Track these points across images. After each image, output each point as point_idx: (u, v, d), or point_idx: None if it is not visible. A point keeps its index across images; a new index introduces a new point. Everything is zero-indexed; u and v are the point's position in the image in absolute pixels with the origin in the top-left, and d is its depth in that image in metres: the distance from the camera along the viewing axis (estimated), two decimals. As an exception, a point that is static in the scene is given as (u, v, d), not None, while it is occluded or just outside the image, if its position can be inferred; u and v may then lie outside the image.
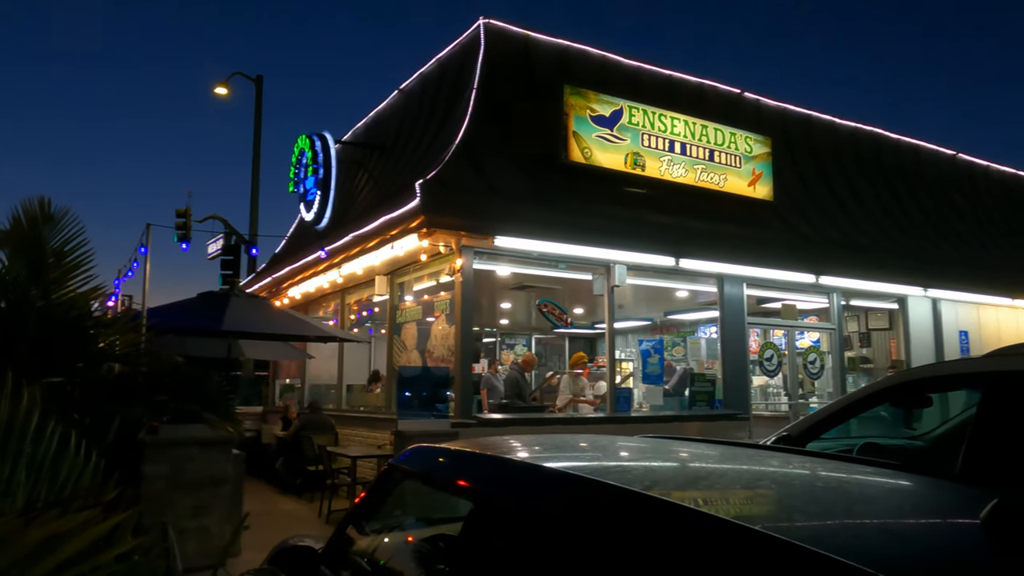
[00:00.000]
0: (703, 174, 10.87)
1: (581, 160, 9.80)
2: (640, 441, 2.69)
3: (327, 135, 12.41)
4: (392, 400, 9.50)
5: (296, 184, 13.14)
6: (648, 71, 11.79)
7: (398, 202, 8.58)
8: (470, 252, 8.69)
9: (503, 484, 1.97)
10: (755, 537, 1.29)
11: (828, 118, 14.13)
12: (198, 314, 8.76)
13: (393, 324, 10.49)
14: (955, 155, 16.21)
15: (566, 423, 9.45)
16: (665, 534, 1.43)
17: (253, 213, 18.48)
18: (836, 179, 13.54)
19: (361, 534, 2.87)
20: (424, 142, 10.85)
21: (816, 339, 12.95)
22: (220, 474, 6.23)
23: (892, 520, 1.60)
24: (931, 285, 12.70)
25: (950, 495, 1.90)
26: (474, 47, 10.49)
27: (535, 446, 2.56)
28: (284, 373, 15.70)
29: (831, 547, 1.22)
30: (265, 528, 7.24)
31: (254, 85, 19.23)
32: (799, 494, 1.79)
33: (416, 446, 2.73)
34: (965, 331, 13.58)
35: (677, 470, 2.12)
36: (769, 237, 11.18)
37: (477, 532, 1.97)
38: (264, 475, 11.10)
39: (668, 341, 15.05)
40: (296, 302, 13.47)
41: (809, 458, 2.30)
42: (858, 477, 1.97)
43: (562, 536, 1.67)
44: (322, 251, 10.34)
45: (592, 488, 1.70)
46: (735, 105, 12.57)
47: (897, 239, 13.36)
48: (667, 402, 10.91)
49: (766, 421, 11.15)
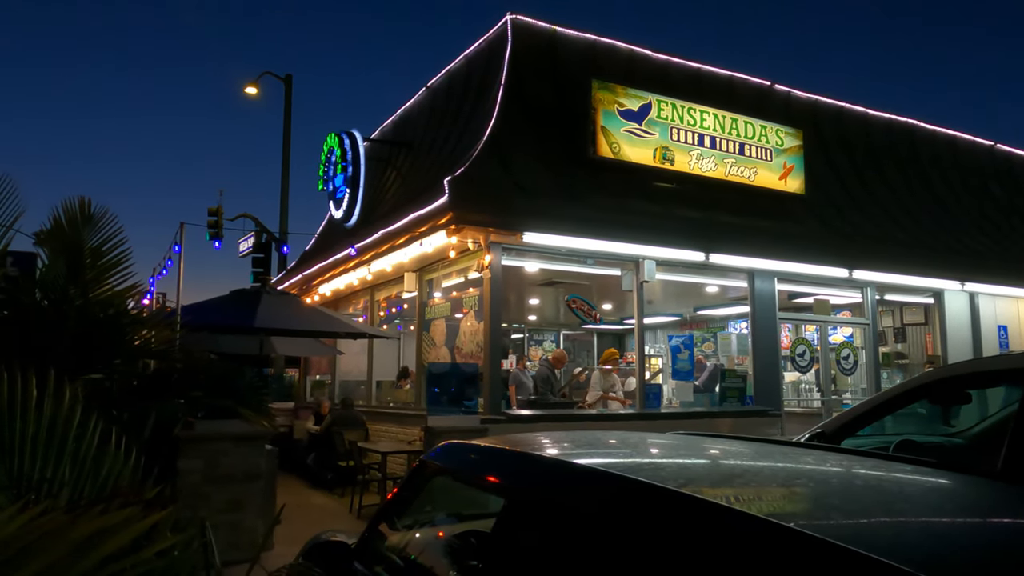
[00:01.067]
0: (733, 168, 10.76)
1: (609, 155, 9.75)
2: (672, 438, 2.67)
3: (356, 133, 12.48)
4: (421, 396, 9.55)
5: (325, 182, 13.24)
6: (676, 64, 11.69)
7: (426, 199, 8.61)
8: (498, 248, 8.69)
9: (535, 480, 1.97)
10: (793, 536, 1.28)
11: (861, 109, 13.89)
12: (230, 311, 8.89)
13: (422, 320, 10.55)
14: (993, 145, 15.85)
15: (595, 419, 9.42)
16: (700, 532, 1.42)
17: (283, 211, 18.70)
18: (869, 171, 13.31)
19: (393, 529, 2.90)
20: (452, 139, 10.88)
21: (849, 334, 12.76)
22: (254, 469, 6.32)
23: (933, 519, 1.57)
24: (968, 279, 12.43)
25: (992, 494, 1.86)
26: (501, 43, 10.48)
27: (566, 443, 2.55)
28: (315, 369, 15.87)
29: (871, 546, 1.20)
30: (297, 522, 7.33)
31: (283, 84, 19.44)
32: (836, 492, 1.77)
33: (447, 442, 2.74)
34: (1004, 326, 13.28)
35: (711, 467, 2.11)
36: (801, 231, 11.03)
37: (509, 528, 1.97)
38: (296, 470, 11.23)
39: (698, 337, 14.91)
40: (326, 299, 13.59)
41: (845, 455, 2.27)
42: (896, 475, 1.94)
43: (595, 533, 1.66)
44: (352, 248, 10.42)
45: (626, 485, 1.69)
46: (765, 97, 12.41)
47: (933, 232, 13.10)
48: (697, 398, 10.82)
49: (798, 417, 11.02)
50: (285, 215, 18.62)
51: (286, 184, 18.99)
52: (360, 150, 12.30)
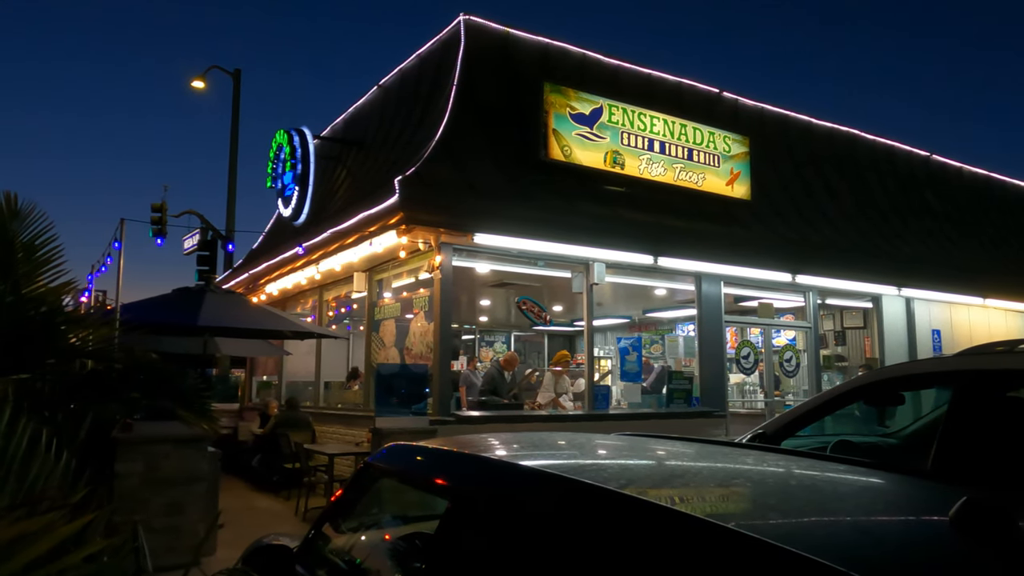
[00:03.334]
0: (682, 173, 10.93)
1: (561, 158, 9.81)
2: (617, 439, 2.70)
3: (305, 130, 12.30)
4: (370, 397, 9.45)
5: (274, 179, 13.01)
6: (627, 70, 11.82)
7: (377, 198, 8.53)
8: (449, 249, 8.67)
9: (479, 482, 1.97)
10: (729, 535, 1.30)
11: (804, 118, 14.26)
12: (173, 310, 8.65)
13: (371, 321, 10.45)
14: (929, 156, 16.44)
15: (544, 420, 9.46)
16: (640, 532, 1.44)
17: (230, 208, 18.29)
18: (812, 178, 13.67)
19: (337, 532, 2.86)
20: (403, 138, 10.80)
21: (792, 337, 13.08)
22: (195, 472, 6.17)
23: (864, 518, 1.62)
24: (905, 284, 12.87)
25: (921, 493, 1.92)
26: (454, 43, 10.45)
27: (512, 444, 2.55)
28: (261, 370, 15.57)
29: (805, 545, 1.22)
30: (241, 526, 7.18)
31: (232, 79, 19.03)
32: (773, 492, 1.81)
33: (392, 444, 2.72)
34: (938, 330, 13.78)
35: (652, 468, 2.13)
36: (746, 236, 11.26)
37: (453, 530, 1.96)
38: (241, 473, 11.01)
39: (646, 339, 15.11)
40: (273, 298, 13.35)
41: (783, 456, 2.32)
42: (831, 475, 1.99)
43: (539, 534, 1.67)
44: (299, 247, 10.26)
45: (568, 486, 1.70)
46: (713, 104, 12.65)
47: (872, 239, 13.53)
48: (645, 400, 10.96)
49: (743, 418, 11.25)
50: (232, 212, 18.22)
51: (233, 181, 18.58)
52: (310, 148, 12.12)
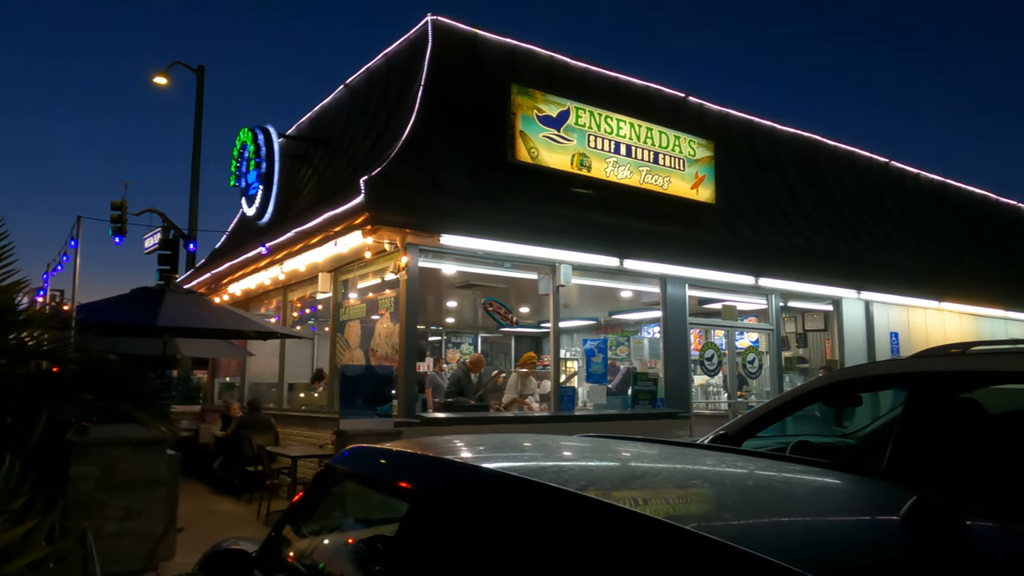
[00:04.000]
0: (647, 176, 11.02)
1: (528, 160, 9.83)
2: (579, 440, 2.71)
3: (270, 128, 12.16)
4: (335, 399, 9.36)
5: (238, 178, 12.84)
6: (595, 73, 11.89)
7: (342, 198, 8.46)
8: (415, 250, 8.63)
9: (439, 484, 1.95)
10: (683, 536, 1.31)
11: (768, 124, 14.47)
12: (131, 310, 8.47)
13: (336, 322, 10.35)
14: (888, 163, 16.80)
15: (510, 422, 9.46)
16: (598, 533, 1.44)
17: (193, 207, 17.97)
18: (776, 183, 13.89)
19: (297, 536, 2.82)
20: (370, 138, 10.73)
21: (755, 339, 13.26)
22: (153, 475, 6.04)
23: (817, 518, 1.64)
24: (864, 288, 13.13)
25: (874, 493, 1.96)
26: (421, 44, 10.41)
27: (474, 446, 2.55)
28: (223, 371, 15.34)
29: (757, 545, 1.24)
30: (201, 530, 7.07)
31: (195, 76, 18.72)
32: (730, 493, 1.83)
33: (354, 446, 2.69)
34: (896, 332, 14.08)
35: (612, 469, 2.14)
36: (711, 239, 11.40)
37: (413, 533, 1.95)
38: (201, 476, 10.83)
39: (612, 340, 15.19)
40: (236, 299, 13.16)
41: (742, 457, 2.35)
42: (787, 475, 2.01)
43: (498, 536, 1.66)
44: (263, 247, 10.13)
45: (528, 488, 1.70)
46: (679, 109, 12.78)
47: (833, 243, 13.78)
48: (610, 401, 11.03)
49: (706, 420, 11.36)
50: (195, 211, 17.90)
51: (196, 179, 18.26)
52: (275, 146, 11.99)
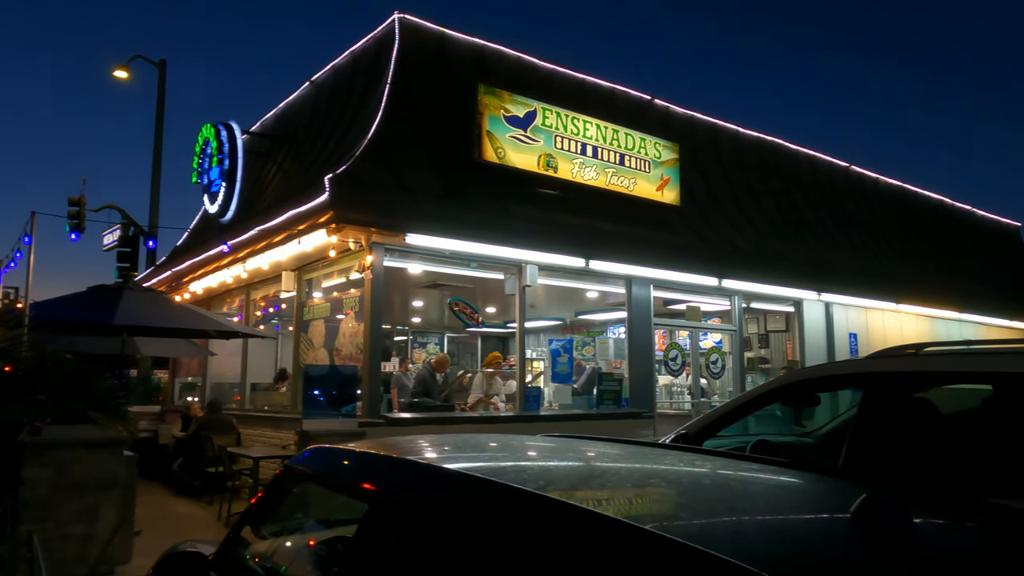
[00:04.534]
0: (613, 177, 11.09)
1: (494, 160, 9.83)
2: (541, 440, 2.71)
3: (234, 125, 11.97)
4: (298, 399, 9.26)
5: (200, 175, 12.63)
6: (562, 74, 11.93)
7: (307, 196, 8.37)
8: (380, 249, 8.58)
9: (398, 485, 1.94)
10: (639, 534, 1.32)
11: (732, 127, 14.66)
12: (88, 308, 8.29)
13: (300, 321, 10.24)
14: (848, 167, 17.14)
15: (476, 422, 9.45)
16: (556, 532, 1.45)
17: (153, 203, 17.67)
18: (739, 186, 14.08)
19: (256, 538, 2.79)
20: (335, 136, 10.64)
21: (718, 340, 13.42)
22: (110, 477, 5.91)
23: (771, 515, 1.67)
24: (825, 289, 13.37)
25: (828, 491, 1.99)
26: (388, 41, 10.35)
27: (436, 446, 2.54)
28: (184, 371, 15.08)
29: (711, 543, 1.25)
30: (159, 533, 6.95)
31: (157, 70, 18.39)
32: (687, 492, 1.85)
33: (314, 447, 2.67)
34: (855, 333, 14.37)
35: (571, 469, 2.15)
36: (675, 241, 11.51)
37: (372, 534, 1.94)
38: (161, 477, 10.64)
39: (578, 341, 15.28)
40: (198, 297, 12.95)
41: (701, 456, 2.37)
42: (744, 474, 2.04)
43: (456, 536, 1.66)
44: (224, 245, 9.99)
45: (486, 488, 1.70)
46: (645, 111, 12.88)
47: (795, 245, 14.01)
48: (576, 401, 11.08)
49: (670, 419, 11.47)
50: (155, 208, 17.61)
51: (157, 175, 17.95)
52: (238, 143, 11.82)
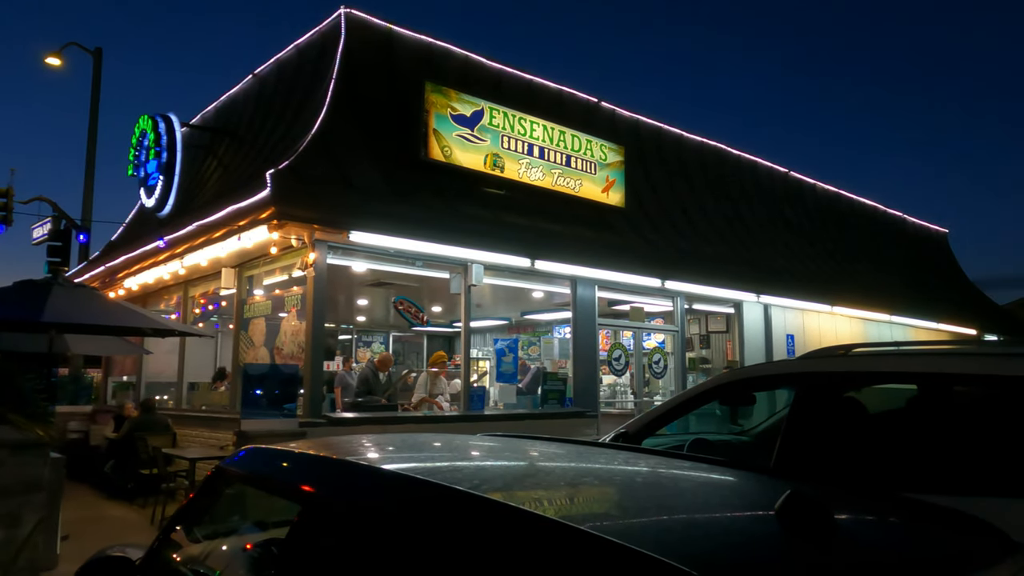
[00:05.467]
0: (560, 179, 11.16)
1: (441, 158, 9.79)
2: (480, 440, 2.71)
3: (172, 116, 11.65)
4: (237, 399, 9.06)
5: (136, 168, 12.24)
6: (510, 74, 11.95)
7: (248, 192, 8.20)
8: (324, 246, 8.45)
9: (330, 485, 1.92)
10: (567, 532, 1.33)
11: (677, 131, 14.91)
12: (12, 304, 7.93)
13: (240, 319, 10.02)
14: (787, 173, 17.60)
15: (419, 422, 9.40)
16: (487, 531, 1.45)
17: (87, 196, 17.06)
18: (683, 189, 14.32)
19: (188, 541, 2.71)
20: (279, 131, 10.44)
21: (661, 340, 13.63)
22: (34, 480, 5.66)
23: (700, 513, 1.70)
24: (763, 292, 13.71)
25: (758, 488, 2.04)
26: (334, 36, 10.21)
27: (372, 446, 2.51)
28: (118, 370, 14.59)
29: (639, 541, 1.27)
30: (89, 537, 6.72)
31: (92, 59, 17.76)
32: (619, 490, 1.87)
33: (249, 447, 2.61)
34: (792, 335, 14.77)
35: (507, 468, 2.15)
36: (620, 242, 11.64)
37: (305, 536, 1.91)
38: (92, 480, 10.29)
39: (524, 340, 15.34)
40: (133, 294, 12.56)
41: (636, 455, 2.41)
42: (676, 472, 2.08)
43: (388, 537, 1.65)
44: (161, 240, 9.70)
45: (420, 488, 1.69)
46: (592, 113, 13.00)
47: (735, 248, 14.32)
48: (520, 400, 11.11)
49: (614, 418, 11.60)
50: (89, 201, 17.00)
51: (91, 167, 17.34)
52: (177, 135, 11.50)
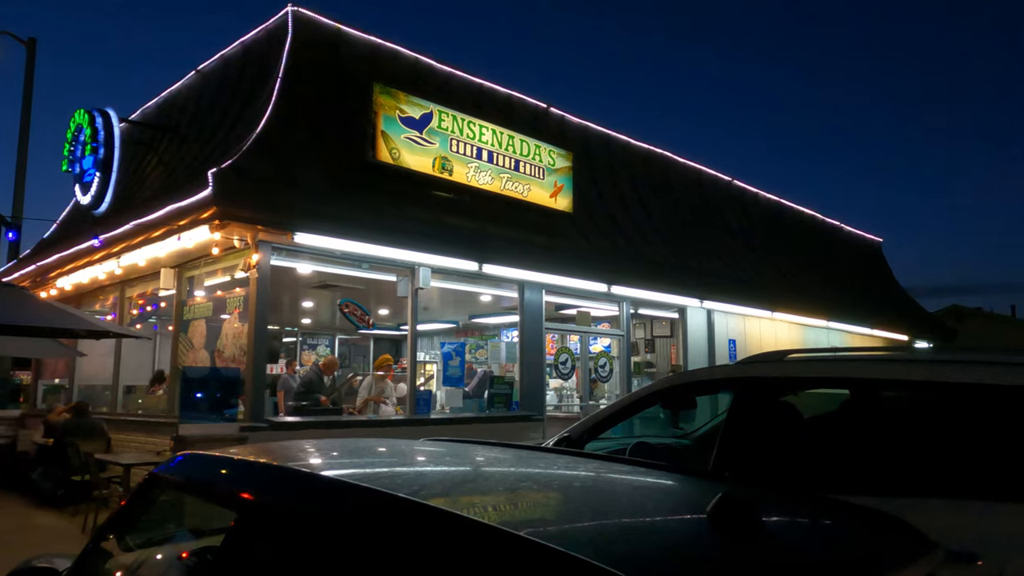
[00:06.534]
0: (508, 183, 11.20)
1: (389, 160, 9.72)
2: (421, 444, 2.71)
3: (110, 111, 11.30)
4: (176, 402, 8.84)
5: (71, 163, 11.84)
6: (459, 77, 11.95)
7: (189, 190, 8.00)
8: (267, 247, 8.31)
9: (269, 492, 1.89)
10: (504, 538, 1.34)
11: (624, 138, 15.11)
12: (-64, 304, 7.60)
13: (180, 321, 9.77)
14: (731, 181, 18.00)
15: (364, 426, 9.31)
16: (424, 537, 1.45)
17: (18, 192, 16.41)
18: (629, 195, 14.52)
19: (120, 550, 2.64)
20: (222, 129, 10.23)
21: (607, 344, 13.79)
22: (-44, 488, 5.45)
23: (635, 518, 1.73)
24: (707, 298, 13.99)
25: (694, 491, 2.09)
26: (281, 34, 10.05)
27: (313, 451, 2.48)
28: (49, 372, 14.07)
29: (572, 544, 1.29)
30: (16, 547, 6.49)
31: (26, 49, 17.11)
32: (556, 495, 1.89)
33: (184, 453, 2.56)
34: (734, 340, 15.10)
35: (446, 474, 2.16)
36: (567, 247, 11.74)
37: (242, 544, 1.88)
38: (20, 487, 9.91)
39: (472, 344, 15.34)
40: (67, 294, 12.14)
41: (576, 459, 2.44)
42: (613, 476, 2.11)
43: (328, 544, 1.64)
44: (96, 239, 9.40)
45: (358, 494, 1.68)
46: (541, 118, 13.08)
47: (680, 254, 14.58)
48: (467, 404, 11.11)
49: (560, 422, 11.68)
50: (20, 197, 16.35)
51: (23, 162, 16.69)
52: (115, 130, 11.17)
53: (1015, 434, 2.78)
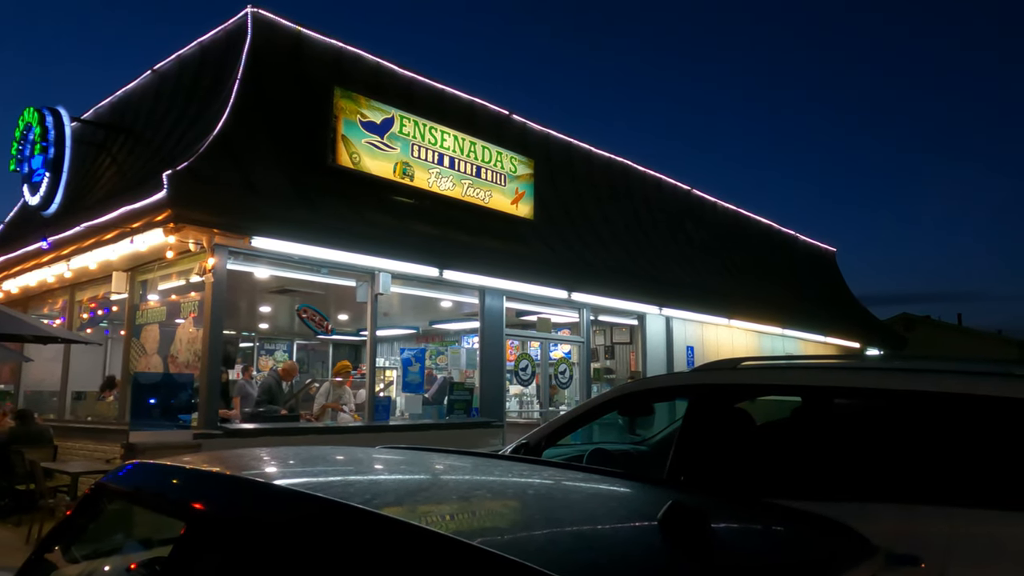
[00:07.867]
0: (469, 189, 11.20)
1: (349, 165, 9.65)
2: (377, 452, 2.69)
3: (61, 110, 11.02)
4: (127, 409, 8.63)
5: (19, 162, 11.50)
6: (421, 83, 11.92)
7: (143, 192, 7.85)
8: (224, 251, 8.17)
9: (218, 502, 1.86)
10: (456, 547, 1.35)
11: (586, 147, 15.22)
12: None
13: (132, 326, 9.55)
14: (690, 190, 18.26)
15: (321, 433, 9.20)
16: (376, 547, 1.44)
17: (-37, 191, 15.89)
18: (590, 203, 14.63)
19: (65, 561, 2.57)
20: (178, 130, 10.04)
21: (568, 351, 13.85)
22: None
23: (587, 525, 1.75)
24: (665, 305, 14.16)
25: (647, 498, 2.11)
26: (240, 35, 9.92)
27: (267, 459, 2.45)
28: (-6, 378, 13.63)
29: (523, 554, 1.29)
30: (-47, 560, 6.24)
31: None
32: (509, 503, 1.89)
33: (133, 462, 2.50)
34: (692, 346, 15.31)
35: (400, 482, 2.15)
36: (528, 254, 11.78)
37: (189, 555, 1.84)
38: (-40, 497, 9.54)
39: (432, 350, 15.27)
40: (13, 297, 11.79)
41: (531, 466, 2.44)
42: (568, 484, 2.12)
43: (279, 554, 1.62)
44: (44, 240, 9.15)
45: (309, 503, 1.67)
46: (503, 125, 13.11)
47: (640, 262, 14.73)
48: (427, 410, 11.05)
49: (520, 428, 11.69)
50: (-35, 196, 15.84)
51: (-31, 160, 16.16)
52: (66, 130, 10.89)
53: (959, 440, 2.87)
